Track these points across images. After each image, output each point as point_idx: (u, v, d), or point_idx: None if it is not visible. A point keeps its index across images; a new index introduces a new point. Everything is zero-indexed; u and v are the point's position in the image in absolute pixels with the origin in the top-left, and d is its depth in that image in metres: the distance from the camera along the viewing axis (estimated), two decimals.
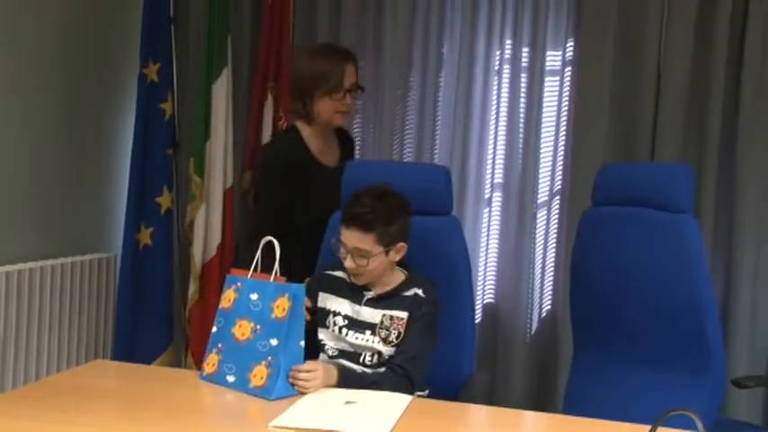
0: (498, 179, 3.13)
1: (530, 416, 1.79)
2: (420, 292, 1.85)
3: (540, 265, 3.13)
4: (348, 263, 1.81)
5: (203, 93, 2.98)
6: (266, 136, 3.07)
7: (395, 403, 1.67)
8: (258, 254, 1.76)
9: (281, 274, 1.73)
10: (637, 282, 2.21)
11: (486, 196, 3.14)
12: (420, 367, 1.80)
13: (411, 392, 1.76)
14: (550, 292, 3.13)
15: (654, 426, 1.20)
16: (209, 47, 2.97)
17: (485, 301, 3.17)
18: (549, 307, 3.13)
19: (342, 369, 1.77)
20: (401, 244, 1.84)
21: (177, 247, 3.14)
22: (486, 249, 3.17)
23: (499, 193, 3.13)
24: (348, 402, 1.66)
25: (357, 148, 3.33)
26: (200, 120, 2.99)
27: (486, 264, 3.17)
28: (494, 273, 3.16)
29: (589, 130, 2.98)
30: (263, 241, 1.75)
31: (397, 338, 1.81)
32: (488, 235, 3.16)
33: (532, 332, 3.10)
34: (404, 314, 1.82)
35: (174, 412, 1.59)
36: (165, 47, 3.00)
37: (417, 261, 1.93)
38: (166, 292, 3.03)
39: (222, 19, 2.98)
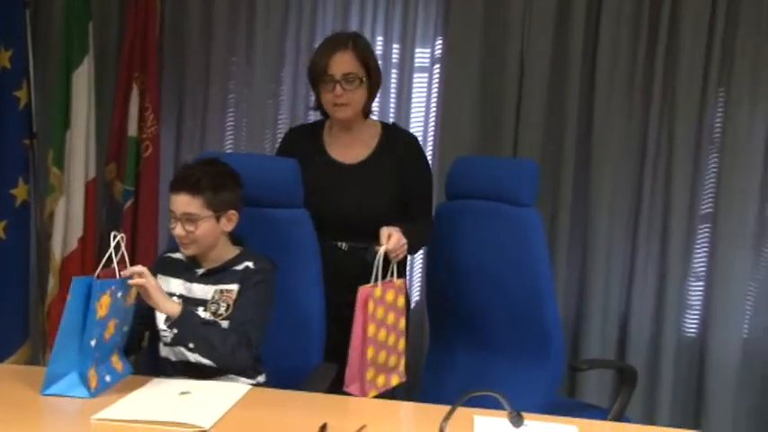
0: None
1: (361, 402, 1.81)
2: (251, 264, 1.85)
3: (409, 258, 3.19)
4: (178, 230, 1.80)
5: (63, 81, 2.87)
6: (132, 127, 3.00)
7: (229, 393, 1.68)
8: (111, 250, 1.70)
9: None
10: (484, 273, 2.30)
11: None
12: (256, 329, 1.79)
13: (249, 351, 1.76)
14: (419, 285, 3.20)
15: (452, 408, 1.25)
16: (68, 33, 2.86)
17: None
18: (417, 298, 3.20)
19: (186, 307, 1.76)
20: (232, 212, 1.85)
21: (35, 241, 3.02)
22: None
23: None
24: (182, 393, 1.66)
25: (229, 141, 3.32)
26: (60, 109, 2.87)
27: None
28: None
29: (455, 125, 3.07)
30: (113, 238, 1.70)
31: (226, 311, 1.81)
32: None
33: None
34: (234, 287, 1.83)
35: None
36: (18, 32, 2.85)
37: (267, 252, 1.93)
38: (22, 287, 2.90)
39: (82, 4, 2.88)
